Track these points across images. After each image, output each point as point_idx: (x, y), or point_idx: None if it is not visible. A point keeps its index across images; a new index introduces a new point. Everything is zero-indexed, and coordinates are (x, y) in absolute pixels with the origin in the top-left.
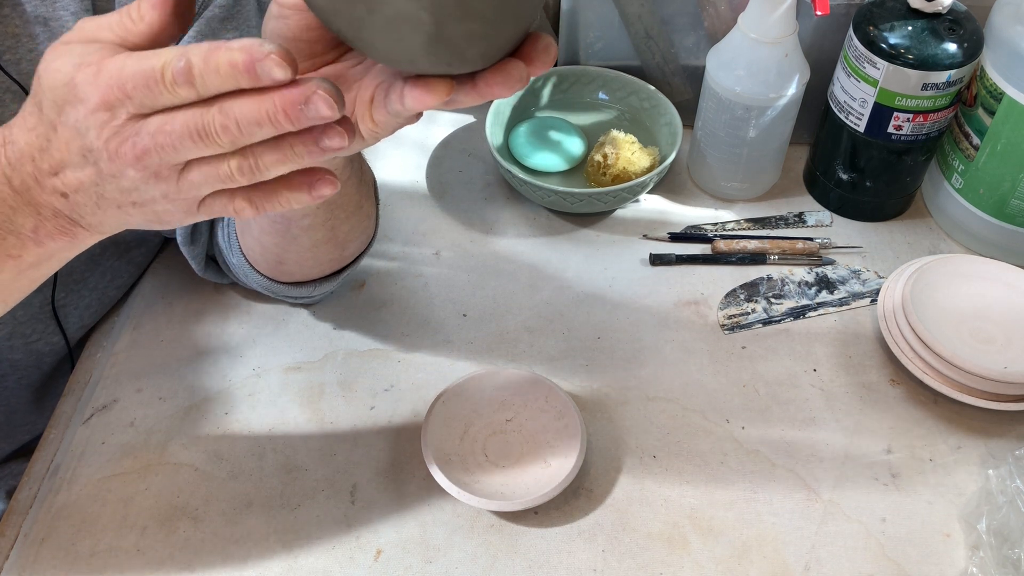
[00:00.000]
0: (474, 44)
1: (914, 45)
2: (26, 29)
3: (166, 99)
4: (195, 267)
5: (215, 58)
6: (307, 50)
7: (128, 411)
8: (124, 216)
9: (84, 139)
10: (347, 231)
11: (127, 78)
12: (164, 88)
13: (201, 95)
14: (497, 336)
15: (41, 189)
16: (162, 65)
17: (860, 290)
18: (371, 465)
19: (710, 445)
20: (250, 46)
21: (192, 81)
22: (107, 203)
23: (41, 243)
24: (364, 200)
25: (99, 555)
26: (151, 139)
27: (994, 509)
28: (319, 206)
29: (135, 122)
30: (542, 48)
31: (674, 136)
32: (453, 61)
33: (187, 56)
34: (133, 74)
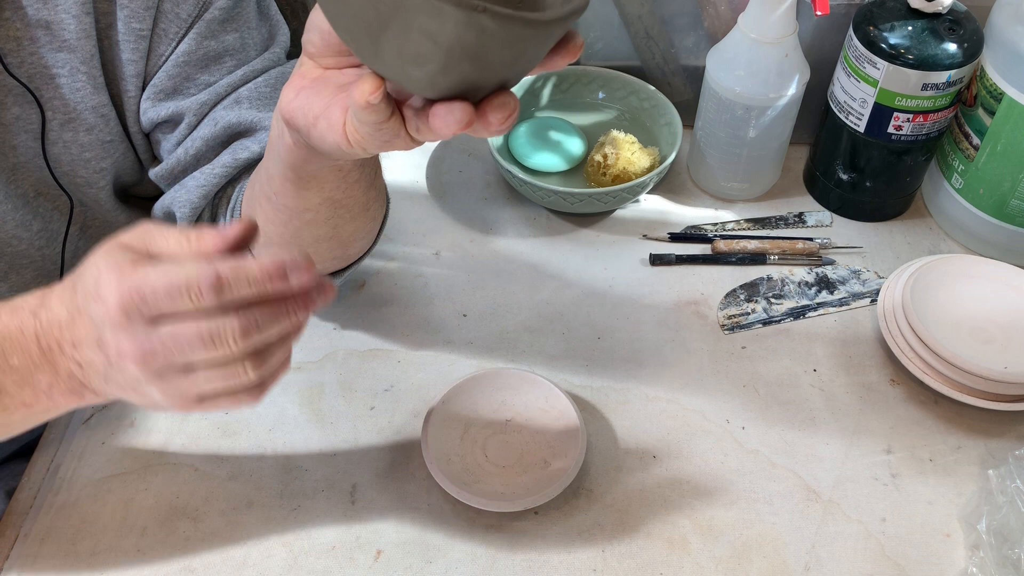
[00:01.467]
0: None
1: (914, 45)
2: (27, 32)
3: (184, 307)
4: None
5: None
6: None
7: (128, 411)
8: (126, 395)
9: (99, 332)
10: (351, 231)
11: (149, 287)
12: (189, 298)
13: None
14: (497, 336)
15: (62, 355)
16: (186, 277)
17: (860, 290)
18: (371, 465)
19: (710, 445)
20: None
21: (221, 291)
22: (112, 384)
23: (52, 398)
24: (373, 203)
25: (99, 555)
26: (159, 343)
27: (994, 509)
28: (322, 203)
29: (149, 326)
30: (496, 104)
31: (674, 136)
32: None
33: (215, 267)
34: (156, 283)
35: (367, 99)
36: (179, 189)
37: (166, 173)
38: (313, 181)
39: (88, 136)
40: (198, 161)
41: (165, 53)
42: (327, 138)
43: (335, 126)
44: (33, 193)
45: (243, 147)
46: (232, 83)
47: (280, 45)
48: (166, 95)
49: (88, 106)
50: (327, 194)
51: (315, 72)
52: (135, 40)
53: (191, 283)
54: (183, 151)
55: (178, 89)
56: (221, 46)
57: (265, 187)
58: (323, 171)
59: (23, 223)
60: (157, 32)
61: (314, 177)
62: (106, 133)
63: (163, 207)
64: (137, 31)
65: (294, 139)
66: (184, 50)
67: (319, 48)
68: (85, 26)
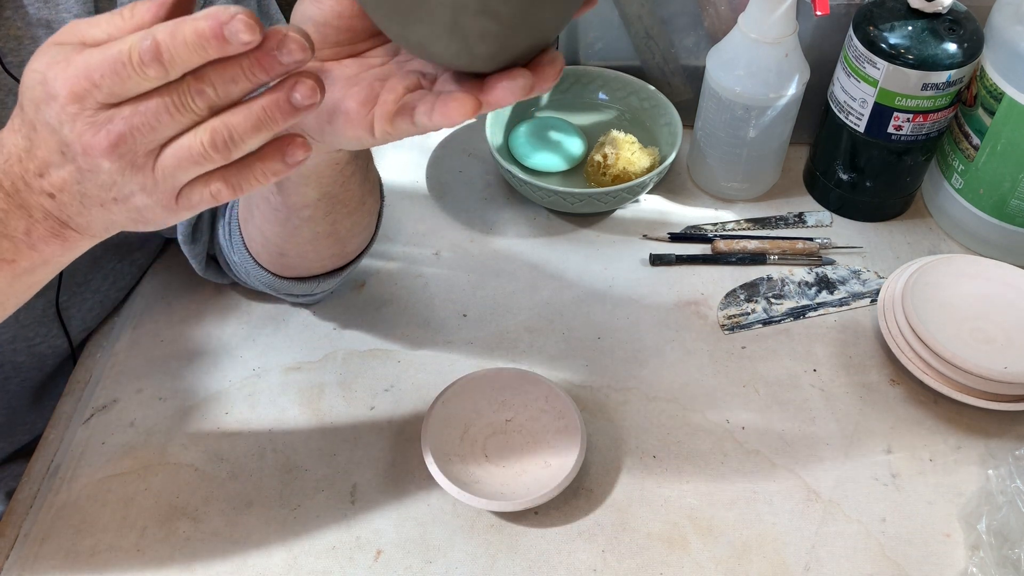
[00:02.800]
0: (485, 42)
1: (914, 45)
2: (28, 31)
3: (135, 83)
4: (195, 266)
5: (181, 30)
6: (334, 37)
7: (128, 411)
8: (108, 215)
9: (60, 135)
10: (349, 227)
11: (94, 67)
12: (133, 70)
13: (170, 74)
14: (497, 336)
15: (30, 191)
16: (128, 48)
17: (860, 290)
18: (371, 465)
19: (710, 445)
20: (215, 12)
21: (160, 58)
22: (90, 201)
23: (34, 247)
24: (367, 197)
25: (99, 555)
26: (124, 123)
27: (994, 509)
28: (319, 198)
29: (106, 111)
30: (548, 61)
31: (674, 136)
32: (462, 54)
33: (152, 34)
34: (100, 62)
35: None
36: None
37: None
38: (311, 177)
39: None
40: None
41: None
42: (345, 132)
43: (354, 120)
44: None
45: None
46: None
47: None
48: None
49: None
50: (324, 189)
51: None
52: None
53: (132, 53)
54: None
55: None
56: None
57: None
58: (320, 166)
59: None
60: None
61: (312, 173)
62: None
63: None
64: None
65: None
66: None
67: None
68: None
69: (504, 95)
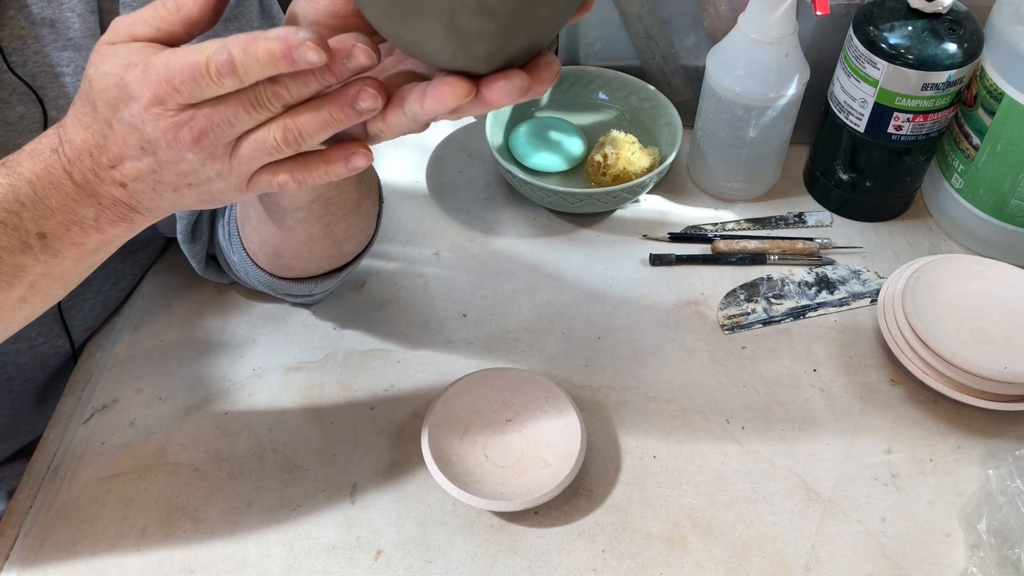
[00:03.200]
0: (482, 42)
1: (914, 45)
2: (32, 31)
3: (212, 90)
4: (195, 266)
5: (254, 48)
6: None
7: (128, 411)
8: (179, 198)
9: (142, 133)
10: (344, 228)
11: (174, 73)
12: (210, 80)
13: (244, 84)
14: (497, 336)
15: (100, 181)
16: (206, 59)
17: (860, 290)
18: (371, 465)
19: (710, 445)
20: (286, 35)
21: (235, 71)
22: (164, 187)
23: (102, 230)
24: (364, 199)
25: (99, 555)
26: (206, 120)
27: (994, 509)
28: (314, 200)
29: (186, 111)
30: (545, 63)
31: (674, 136)
32: (458, 54)
33: (228, 49)
34: (180, 69)
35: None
36: None
37: None
38: None
39: None
40: None
41: None
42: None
43: None
44: None
45: None
46: None
47: None
48: None
49: None
50: (318, 191)
51: None
52: None
53: (210, 65)
54: None
55: None
56: None
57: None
58: None
59: None
60: None
61: None
62: None
63: None
64: None
65: None
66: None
67: None
68: (90, 24)
69: (500, 96)
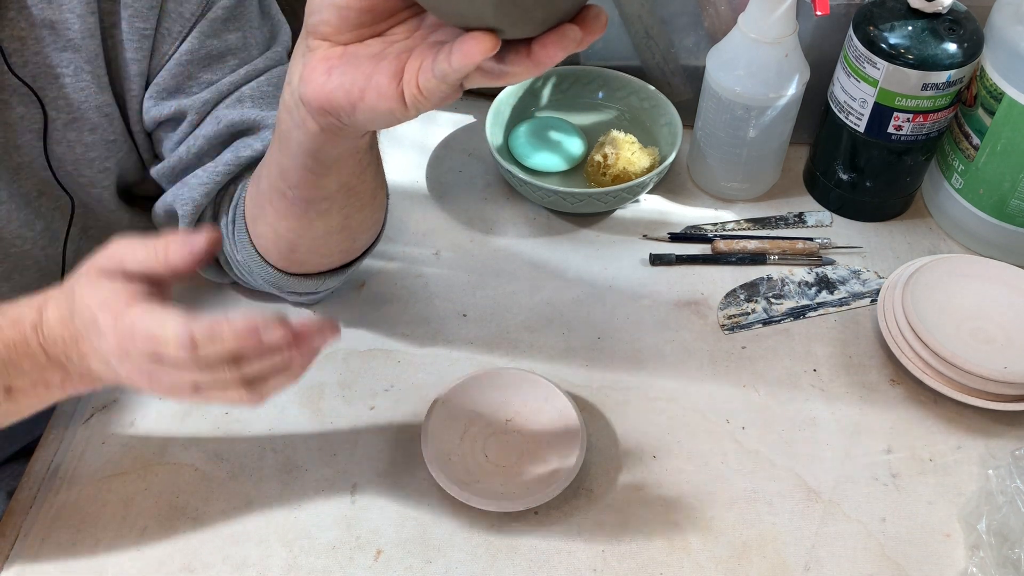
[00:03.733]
0: (541, 5)
1: (914, 45)
2: (32, 32)
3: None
4: None
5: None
6: (356, 19)
7: (128, 411)
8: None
9: (107, 362)
10: (361, 220)
11: (138, 335)
12: (168, 352)
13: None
14: (497, 336)
15: (70, 362)
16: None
17: (860, 290)
18: (371, 465)
19: (710, 445)
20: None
21: (196, 353)
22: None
23: (66, 391)
24: (379, 190)
25: (99, 555)
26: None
27: (994, 509)
28: (338, 189)
29: (149, 363)
30: (593, 16)
31: (674, 136)
32: (518, 20)
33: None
34: (144, 336)
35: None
36: (181, 187)
37: (168, 171)
38: (333, 167)
39: (92, 136)
40: (200, 159)
41: (168, 52)
42: (379, 107)
43: (386, 93)
44: (36, 193)
45: (245, 145)
46: (234, 82)
47: (282, 44)
48: (168, 94)
49: (92, 105)
50: (344, 179)
51: (337, 51)
52: (139, 39)
53: (169, 341)
54: (185, 149)
55: (181, 88)
56: (224, 45)
57: (278, 183)
58: (344, 155)
59: (26, 223)
60: (160, 31)
61: (335, 163)
62: (110, 132)
63: (165, 205)
64: (141, 30)
65: (323, 124)
66: (187, 49)
67: (336, 26)
68: (89, 25)
69: (556, 52)
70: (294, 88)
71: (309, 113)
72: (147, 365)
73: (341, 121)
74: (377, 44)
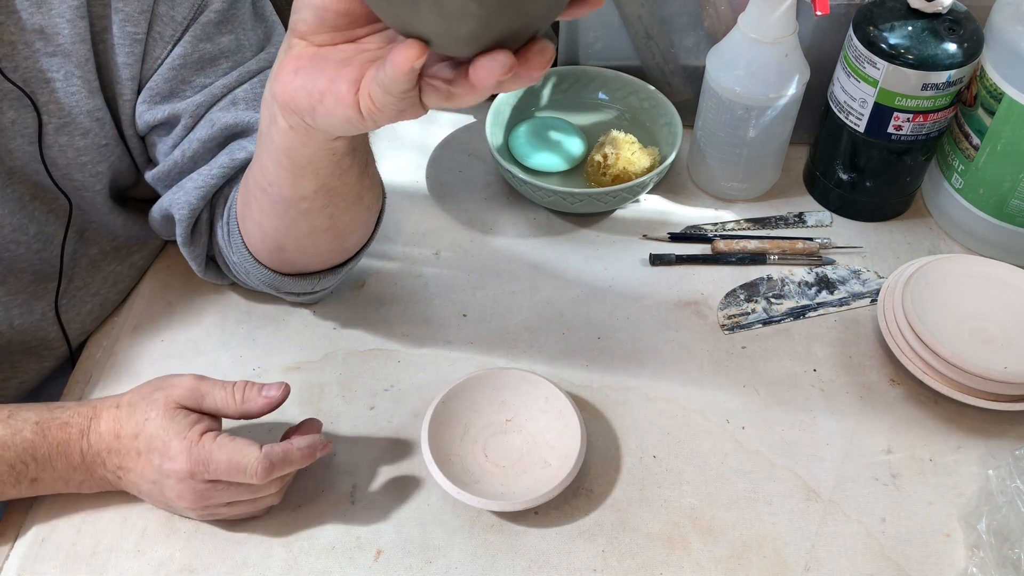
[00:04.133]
0: (466, 22)
1: (914, 45)
2: (22, 36)
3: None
4: (195, 268)
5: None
6: (332, 21)
7: None
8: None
9: (160, 482)
10: (347, 221)
11: (214, 462)
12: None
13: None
14: (497, 336)
15: (103, 468)
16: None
17: (860, 290)
18: (371, 465)
19: (710, 445)
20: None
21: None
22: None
23: (80, 490)
24: (366, 192)
25: (99, 555)
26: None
27: (994, 509)
28: (317, 190)
29: (205, 484)
30: (536, 50)
31: (674, 136)
32: (443, 35)
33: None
34: (223, 463)
35: (412, 64)
36: (177, 191)
37: (163, 175)
38: (308, 167)
39: (84, 140)
40: (195, 163)
41: (160, 56)
42: (336, 113)
43: (344, 99)
44: (29, 197)
45: (240, 147)
46: (228, 84)
47: (275, 46)
48: (162, 98)
49: (83, 110)
50: (322, 181)
51: (310, 51)
52: (130, 44)
53: (248, 468)
54: (180, 153)
55: (174, 92)
56: (217, 48)
57: (260, 179)
58: (317, 156)
59: (20, 227)
60: (152, 35)
61: (309, 163)
62: (102, 137)
63: (161, 209)
64: (132, 35)
65: (291, 122)
66: (180, 53)
67: (312, 26)
68: (80, 30)
69: (484, 74)
70: (269, 83)
71: (279, 110)
72: (203, 486)
73: (305, 122)
74: (349, 50)
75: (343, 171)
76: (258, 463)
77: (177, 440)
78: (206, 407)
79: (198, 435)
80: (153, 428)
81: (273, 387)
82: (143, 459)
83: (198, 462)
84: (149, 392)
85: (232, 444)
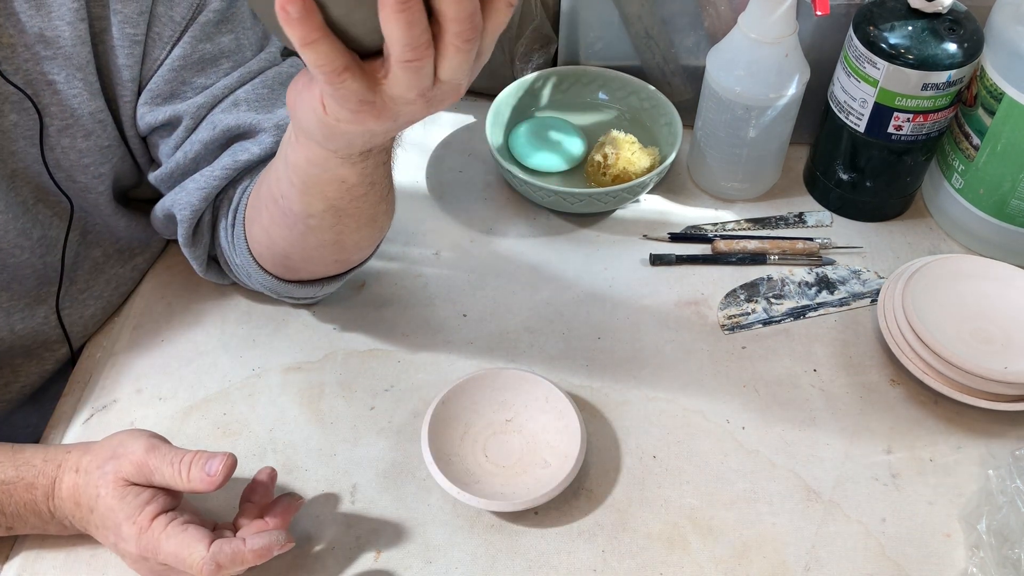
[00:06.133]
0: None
1: (914, 45)
2: (22, 39)
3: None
4: (196, 268)
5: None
6: None
7: (128, 411)
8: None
9: (116, 549)
10: (356, 240)
11: (163, 552)
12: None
13: None
14: (497, 336)
15: (75, 524)
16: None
17: (860, 290)
18: (371, 465)
19: (710, 445)
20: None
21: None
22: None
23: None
24: (381, 217)
25: (99, 555)
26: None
27: (994, 509)
28: (325, 210)
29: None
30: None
31: (674, 136)
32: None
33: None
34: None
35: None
36: (179, 191)
37: (165, 176)
38: (315, 187)
39: (86, 142)
40: (197, 164)
41: (160, 57)
42: (309, 116)
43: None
44: (32, 200)
45: (243, 149)
46: (229, 85)
47: (275, 45)
48: (163, 99)
49: (85, 112)
50: (330, 202)
51: None
52: (130, 45)
53: (194, 566)
54: (182, 155)
55: (175, 93)
56: (217, 48)
57: (273, 189)
58: (323, 177)
59: (24, 231)
60: (151, 36)
61: (315, 183)
62: (103, 138)
63: (163, 208)
64: (131, 36)
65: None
66: (179, 54)
67: None
68: (80, 32)
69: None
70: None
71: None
72: (159, 567)
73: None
74: None
75: (355, 197)
76: (203, 564)
77: (127, 523)
78: (156, 483)
79: (148, 520)
80: (104, 508)
81: (215, 462)
82: (100, 533)
83: (147, 549)
84: (104, 459)
85: (181, 535)
